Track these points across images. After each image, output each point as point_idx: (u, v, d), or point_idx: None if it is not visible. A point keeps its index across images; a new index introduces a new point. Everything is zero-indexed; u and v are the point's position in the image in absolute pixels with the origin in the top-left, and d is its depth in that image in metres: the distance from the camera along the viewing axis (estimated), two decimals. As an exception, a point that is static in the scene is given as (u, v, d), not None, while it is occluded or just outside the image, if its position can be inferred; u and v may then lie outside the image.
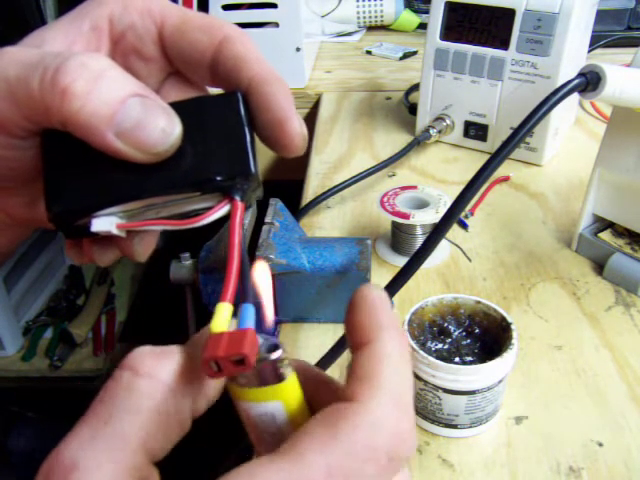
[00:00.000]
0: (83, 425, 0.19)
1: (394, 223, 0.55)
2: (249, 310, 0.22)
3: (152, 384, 0.20)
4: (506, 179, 0.69)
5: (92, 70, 0.22)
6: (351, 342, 0.22)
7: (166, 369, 0.20)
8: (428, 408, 0.38)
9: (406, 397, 0.21)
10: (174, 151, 0.24)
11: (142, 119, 0.23)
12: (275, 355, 0.21)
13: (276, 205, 0.50)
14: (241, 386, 0.21)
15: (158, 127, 0.23)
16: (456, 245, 0.58)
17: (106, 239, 0.28)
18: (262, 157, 1.00)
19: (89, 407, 0.20)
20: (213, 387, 0.22)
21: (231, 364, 0.20)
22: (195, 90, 0.29)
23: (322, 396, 0.23)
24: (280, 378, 0.21)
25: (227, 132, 0.25)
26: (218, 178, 0.24)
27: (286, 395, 0.22)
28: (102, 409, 0.20)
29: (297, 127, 0.26)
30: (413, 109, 0.81)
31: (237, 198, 0.24)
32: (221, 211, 0.25)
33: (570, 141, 0.77)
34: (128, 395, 0.20)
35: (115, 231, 0.25)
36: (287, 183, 0.86)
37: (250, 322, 0.22)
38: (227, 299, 0.22)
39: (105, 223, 0.25)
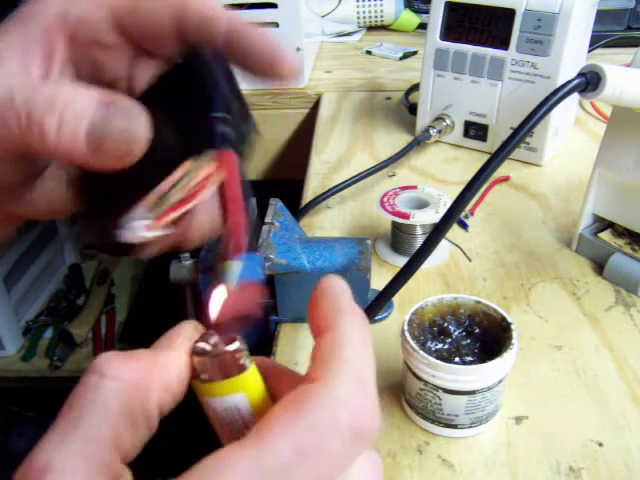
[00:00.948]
0: (54, 430, 0.20)
1: (394, 223, 0.55)
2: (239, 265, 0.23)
3: (118, 385, 0.21)
4: (506, 179, 0.69)
5: (56, 106, 0.23)
6: (314, 329, 0.23)
7: (130, 370, 0.21)
8: (428, 408, 0.38)
9: (367, 376, 0.22)
10: (149, 141, 0.24)
11: (108, 131, 0.23)
12: (234, 347, 0.22)
13: (276, 205, 0.50)
14: (204, 382, 0.22)
15: (125, 132, 0.23)
16: (456, 245, 0.58)
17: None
18: (262, 157, 1.00)
19: (59, 413, 0.20)
20: (179, 386, 0.22)
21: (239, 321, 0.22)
22: (168, 64, 0.29)
23: (284, 387, 0.23)
24: (241, 369, 0.22)
25: (196, 92, 0.25)
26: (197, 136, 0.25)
27: (248, 386, 0.22)
28: (71, 413, 0.20)
29: (288, 57, 0.27)
30: (413, 109, 0.81)
31: (224, 148, 0.25)
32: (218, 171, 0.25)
33: (570, 141, 0.77)
34: (96, 397, 0.20)
35: (147, 233, 0.26)
36: (287, 183, 0.86)
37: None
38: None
39: (133, 230, 0.26)
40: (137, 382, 0.21)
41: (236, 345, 0.22)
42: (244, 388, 0.22)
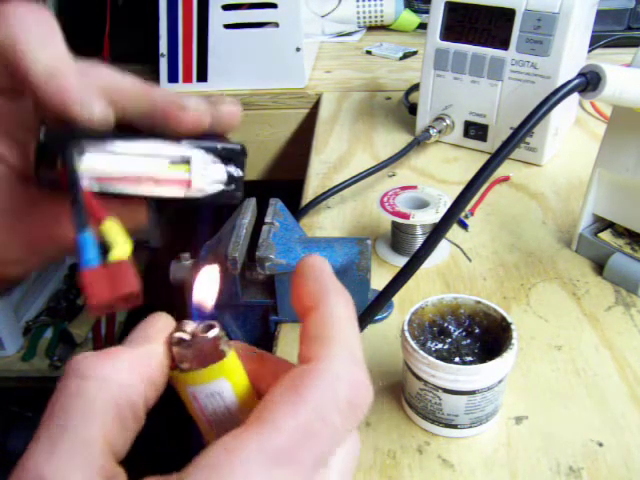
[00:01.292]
0: (41, 439, 0.19)
1: (394, 223, 0.55)
2: (90, 239, 0.22)
3: (101, 385, 0.21)
4: (506, 179, 0.69)
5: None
6: (299, 308, 0.24)
7: (112, 368, 0.21)
8: (428, 408, 0.38)
9: (358, 352, 0.22)
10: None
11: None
12: (213, 333, 0.22)
13: (276, 205, 0.50)
14: (185, 371, 0.22)
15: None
16: (456, 245, 0.58)
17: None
18: (262, 157, 1.00)
19: (41, 421, 0.20)
20: (160, 378, 0.22)
21: (122, 301, 0.21)
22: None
23: (267, 371, 0.24)
24: (221, 355, 0.22)
25: None
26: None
27: (229, 371, 0.22)
28: (56, 420, 0.20)
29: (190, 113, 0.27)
30: (413, 109, 0.81)
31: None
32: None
33: (570, 141, 0.77)
34: (80, 400, 0.20)
35: (87, 166, 0.26)
36: (287, 183, 0.86)
37: (94, 250, 0.22)
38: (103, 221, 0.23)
39: (96, 159, 0.26)
40: (121, 380, 0.21)
41: (215, 332, 0.22)
42: (225, 374, 0.22)
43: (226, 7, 0.93)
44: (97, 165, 0.26)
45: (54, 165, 0.26)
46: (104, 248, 0.23)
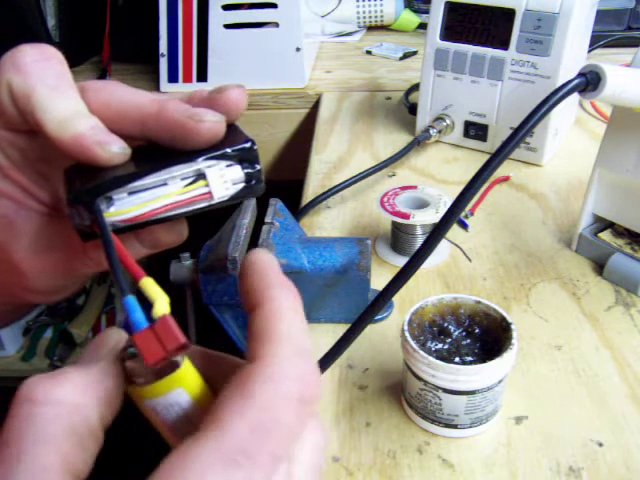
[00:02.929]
0: None
1: (394, 223, 0.55)
2: (134, 301, 0.23)
3: (54, 408, 0.20)
4: (506, 179, 0.69)
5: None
6: (246, 306, 0.24)
7: (64, 390, 0.21)
8: (428, 408, 0.38)
9: (304, 344, 0.22)
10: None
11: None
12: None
13: (276, 205, 0.50)
14: (141, 386, 0.22)
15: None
16: (456, 245, 0.58)
17: (129, 236, 0.30)
18: (262, 157, 1.00)
19: None
20: (115, 395, 0.22)
21: (173, 353, 0.21)
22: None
23: (224, 372, 0.24)
24: (174, 366, 0.22)
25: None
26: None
27: (185, 380, 0.22)
28: (10, 449, 0.19)
29: (200, 121, 0.28)
30: (413, 109, 0.81)
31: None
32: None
33: (570, 141, 0.77)
34: (33, 427, 0.20)
35: (115, 219, 0.27)
36: (287, 183, 0.86)
37: (139, 312, 0.23)
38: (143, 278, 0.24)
39: (126, 204, 0.27)
40: (74, 401, 0.21)
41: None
42: (181, 383, 0.22)
43: (226, 7, 0.93)
44: (125, 210, 0.27)
45: (83, 215, 0.27)
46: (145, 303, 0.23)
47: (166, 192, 0.27)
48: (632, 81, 0.42)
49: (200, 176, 0.27)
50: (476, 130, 0.74)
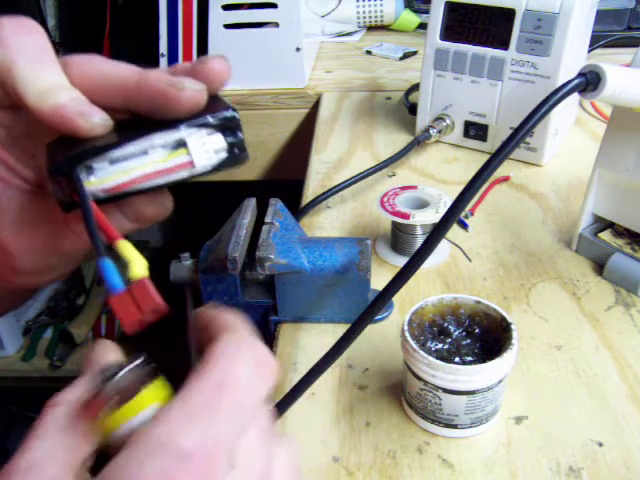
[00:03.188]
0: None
1: (394, 223, 0.55)
2: (111, 265, 0.23)
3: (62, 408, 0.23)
4: (506, 179, 0.69)
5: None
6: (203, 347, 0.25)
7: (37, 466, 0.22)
8: (428, 408, 0.38)
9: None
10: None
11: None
12: (137, 361, 0.22)
13: (276, 205, 0.50)
14: (119, 406, 0.22)
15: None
16: (456, 245, 0.58)
17: (112, 208, 0.29)
18: (262, 157, 1.00)
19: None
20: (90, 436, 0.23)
21: (150, 315, 0.22)
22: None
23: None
24: (147, 380, 0.22)
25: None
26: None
27: (161, 393, 0.23)
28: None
29: (181, 88, 0.28)
30: (413, 109, 0.81)
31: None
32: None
33: (570, 141, 0.77)
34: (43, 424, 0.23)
35: (96, 188, 0.27)
36: (287, 183, 0.86)
37: (116, 275, 0.23)
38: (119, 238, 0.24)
39: (107, 173, 0.27)
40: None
41: (139, 359, 0.22)
42: (156, 398, 0.22)
43: (226, 7, 0.93)
44: (105, 179, 0.27)
45: (65, 187, 0.27)
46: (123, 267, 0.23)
47: (147, 161, 0.27)
48: (632, 81, 0.42)
49: (181, 144, 0.27)
50: (476, 130, 0.74)
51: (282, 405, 0.38)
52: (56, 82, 0.28)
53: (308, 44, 1.00)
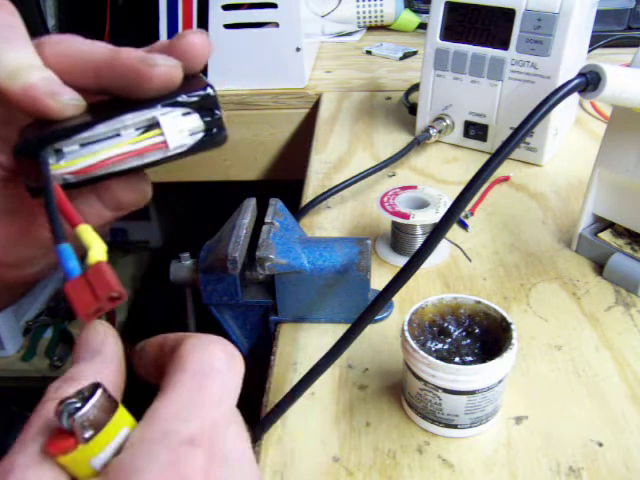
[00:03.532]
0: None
1: (394, 223, 0.55)
2: (68, 249, 0.22)
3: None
4: (506, 179, 0.69)
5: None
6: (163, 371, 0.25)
7: None
8: (428, 408, 0.38)
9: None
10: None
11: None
12: (100, 390, 0.21)
13: (276, 205, 0.50)
14: (88, 442, 0.21)
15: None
16: (456, 245, 0.58)
17: (85, 195, 0.29)
18: (262, 157, 1.00)
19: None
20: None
21: (107, 302, 0.21)
22: None
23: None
24: (113, 408, 0.22)
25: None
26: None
27: (127, 417, 0.22)
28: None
29: (154, 65, 0.27)
30: (413, 109, 0.81)
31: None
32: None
33: (570, 141, 0.77)
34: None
35: (63, 172, 0.26)
36: (287, 183, 0.86)
37: (73, 260, 0.22)
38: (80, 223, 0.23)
39: (77, 155, 0.26)
40: None
41: (98, 392, 0.21)
42: (125, 421, 0.22)
43: (226, 7, 0.93)
44: (75, 160, 0.26)
45: (34, 171, 0.26)
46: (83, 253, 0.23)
47: (118, 141, 0.26)
48: (632, 81, 0.42)
49: (155, 125, 0.26)
50: (476, 130, 0.74)
51: (282, 405, 0.38)
52: (27, 61, 0.27)
53: (308, 44, 1.00)
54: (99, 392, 0.21)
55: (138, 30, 1.06)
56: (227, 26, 0.94)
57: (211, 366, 0.24)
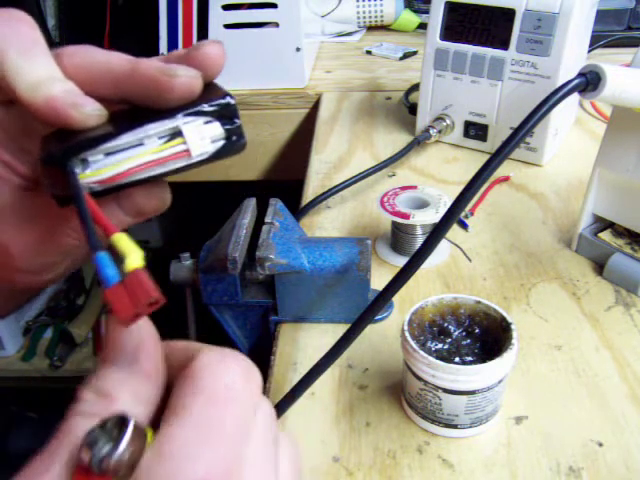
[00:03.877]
0: None
1: (394, 223, 0.55)
2: (106, 257, 0.22)
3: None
4: (506, 179, 0.69)
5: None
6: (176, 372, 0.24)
7: None
8: (428, 408, 0.38)
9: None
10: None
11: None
12: (131, 426, 0.20)
13: (276, 205, 0.50)
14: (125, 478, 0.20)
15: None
16: (456, 245, 0.58)
17: (106, 202, 0.29)
18: (262, 157, 1.00)
19: None
20: None
21: (146, 308, 0.21)
22: None
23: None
24: (143, 442, 0.21)
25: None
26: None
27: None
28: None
29: (174, 75, 0.27)
30: (413, 109, 0.81)
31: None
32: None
33: (570, 141, 0.77)
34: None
35: (91, 180, 0.26)
36: (287, 183, 0.86)
37: (111, 267, 0.22)
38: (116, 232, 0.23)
39: (102, 165, 0.26)
40: None
41: (131, 423, 0.20)
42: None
43: (226, 7, 0.93)
44: (100, 170, 0.26)
45: (60, 181, 0.26)
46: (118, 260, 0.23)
47: (142, 151, 0.26)
48: (632, 81, 0.42)
49: (177, 134, 0.27)
50: (476, 130, 0.74)
51: (282, 405, 0.38)
52: (48, 73, 0.27)
53: (308, 44, 1.00)
54: (130, 430, 0.20)
55: (138, 30, 1.06)
56: (227, 26, 0.94)
57: (228, 387, 0.22)
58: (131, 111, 0.28)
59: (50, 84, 0.27)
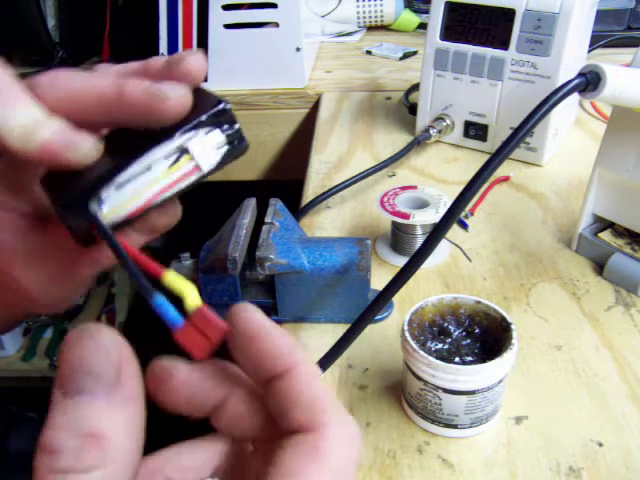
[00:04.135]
0: None
1: (394, 223, 0.55)
2: (164, 301, 0.22)
3: None
4: (506, 179, 0.69)
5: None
6: (264, 372, 0.22)
7: None
8: (428, 408, 0.38)
9: (338, 404, 0.23)
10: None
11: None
12: None
13: (276, 205, 0.50)
14: None
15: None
16: (456, 245, 0.58)
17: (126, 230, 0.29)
18: (262, 157, 1.00)
19: None
20: None
21: (219, 342, 0.21)
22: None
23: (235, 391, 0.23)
24: None
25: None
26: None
27: None
28: None
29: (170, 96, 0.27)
30: (413, 109, 0.81)
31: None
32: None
33: (570, 141, 0.77)
34: None
35: (113, 214, 0.26)
36: (287, 183, 0.86)
37: (172, 310, 0.22)
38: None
39: (117, 200, 0.26)
40: None
41: None
42: None
43: (226, 7, 0.93)
44: (118, 207, 0.26)
45: (79, 222, 0.26)
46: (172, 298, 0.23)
47: (153, 177, 0.26)
48: (632, 81, 0.42)
49: (183, 151, 0.27)
50: (476, 130, 0.74)
51: (282, 405, 0.38)
52: (33, 117, 0.26)
53: (308, 44, 1.00)
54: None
55: (138, 30, 1.06)
56: (227, 26, 0.94)
57: (348, 470, 0.21)
58: (124, 134, 0.28)
59: (39, 128, 0.25)
